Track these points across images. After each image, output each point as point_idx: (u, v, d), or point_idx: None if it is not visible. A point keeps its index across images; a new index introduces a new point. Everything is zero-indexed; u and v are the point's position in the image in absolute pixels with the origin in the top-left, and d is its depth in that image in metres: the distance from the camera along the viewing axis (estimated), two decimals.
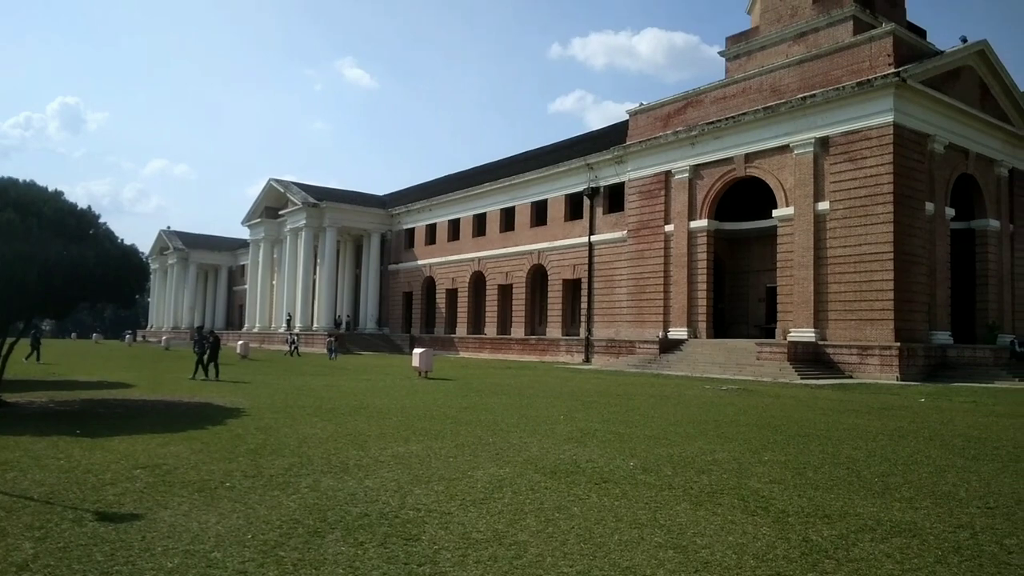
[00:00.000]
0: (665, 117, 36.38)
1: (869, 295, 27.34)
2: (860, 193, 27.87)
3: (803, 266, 29.46)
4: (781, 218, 30.75)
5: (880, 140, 27.33)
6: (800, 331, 29.22)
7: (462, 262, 50.62)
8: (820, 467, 8.57)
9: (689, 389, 21.00)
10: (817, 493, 7.15)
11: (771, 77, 31.70)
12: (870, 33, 28.64)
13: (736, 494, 7.02)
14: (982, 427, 12.98)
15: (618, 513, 6.21)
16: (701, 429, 11.90)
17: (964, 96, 30.27)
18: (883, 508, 6.56)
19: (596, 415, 13.78)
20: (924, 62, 28.22)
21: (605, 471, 8.09)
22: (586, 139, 48.04)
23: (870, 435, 11.52)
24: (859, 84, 27.63)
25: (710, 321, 33.79)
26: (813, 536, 5.59)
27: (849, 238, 28.13)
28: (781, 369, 26.82)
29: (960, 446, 10.57)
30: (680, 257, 34.68)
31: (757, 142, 31.63)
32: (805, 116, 29.68)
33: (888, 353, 26.32)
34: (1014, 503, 6.90)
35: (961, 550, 5.31)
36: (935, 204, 28.99)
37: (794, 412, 14.95)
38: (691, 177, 34.54)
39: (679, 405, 16.13)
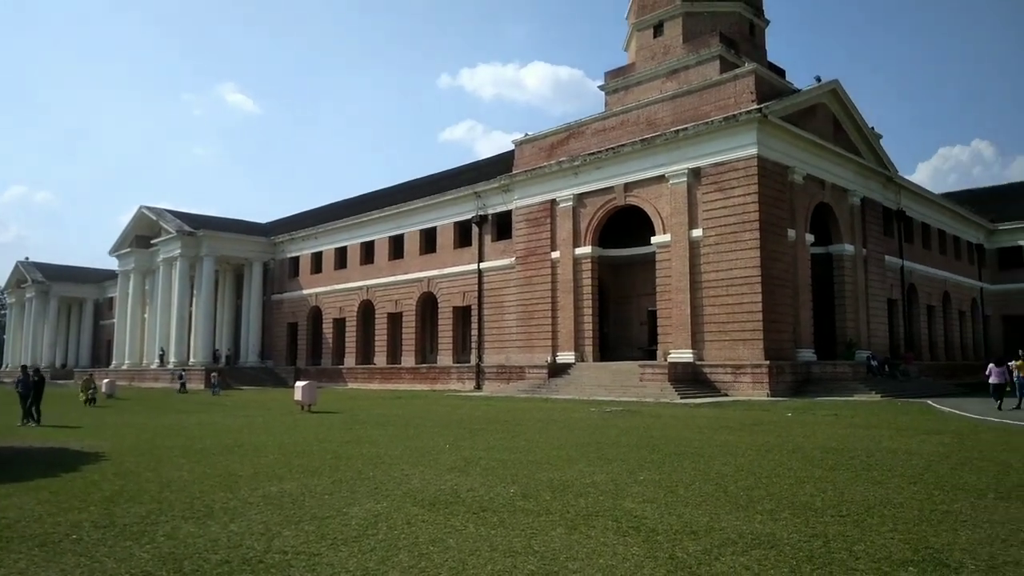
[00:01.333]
0: (549, 147, 37.32)
1: (740, 316, 28.91)
2: (730, 221, 29.55)
3: (680, 290, 30.80)
4: (659, 244, 32.09)
5: (746, 171, 29.16)
6: (679, 352, 30.44)
7: (350, 291, 49.57)
8: (691, 484, 8.89)
9: (575, 412, 21.35)
10: (687, 510, 7.39)
11: (647, 111, 33.24)
12: (735, 72, 30.66)
13: (611, 516, 7.14)
14: (840, 438, 13.91)
15: (494, 542, 6.17)
16: (583, 452, 12.09)
17: (819, 131, 32.86)
18: (746, 521, 6.86)
19: (482, 443, 13.73)
20: (783, 99, 30.46)
21: (485, 500, 8.05)
22: (474, 168, 48.54)
23: (739, 451, 12.08)
24: (726, 119, 29.44)
25: (596, 345, 34.63)
26: (679, 553, 5.76)
27: (721, 263, 29.70)
28: (663, 389, 27.78)
29: (819, 457, 11.27)
30: (566, 283, 35.44)
31: (636, 172, 32.97)
32: (679, 148, 31.27)
33: (759, 371, 27.85)
34: (864, 510, 7.39)
35: (814, 558, 5.61)
36: (796, 231, 31.14)
37: (672, 431, 15.49)
38: (575, 205, 35.51)
39: (564, 429, 16.35)
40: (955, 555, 5.66)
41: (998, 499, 7.91)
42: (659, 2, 38.05)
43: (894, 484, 8.85)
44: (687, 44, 35.29)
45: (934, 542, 6.06)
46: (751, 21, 38.05)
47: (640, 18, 38.70)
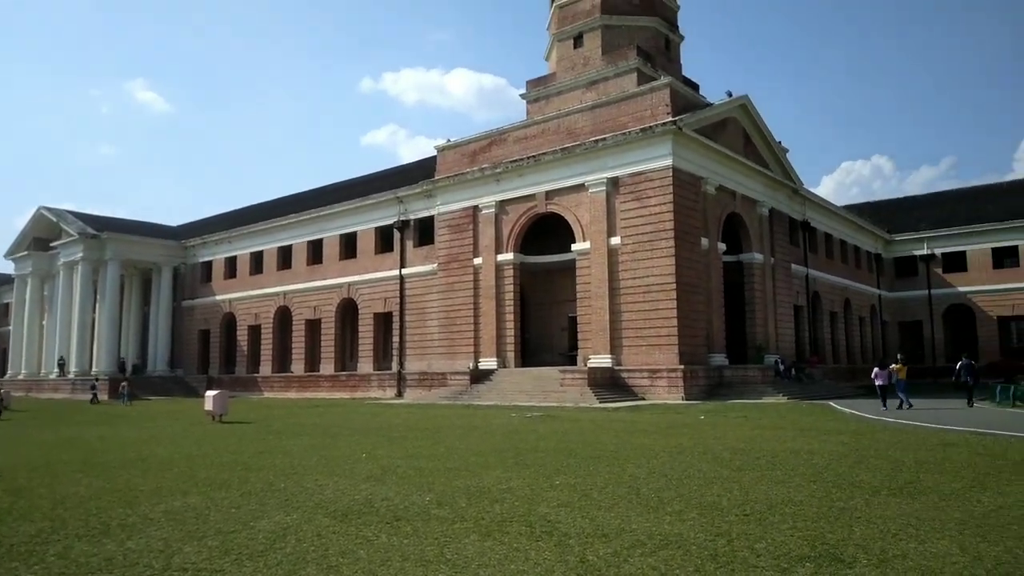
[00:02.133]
0: (472, 154, 37.37)
1: (656, 322, 29.66)
2: (646, 229, 30.31)
3: (600, 296, 31.36)
4: (579, 252, 32.59)
5: (661, 181, 30.01)
6: (598, 358, 30.97)
7: (266, 296, 48.15)
8: (605, 488, 9.04)
9: (496, 418, 21.40)
10: (599, 513, 7.51)
11: (567, 120, 33.75)
12: (651, 84, 31.55)
13: (525, 521, 7.18)
14: (748, 440, 14.44)
15: (405, 552, 6.10)
16: (502, 458, 12.12)
17: (731, 144, 34.16)
18: (656, 522, 7.02)
19: (400, 451, 13.58)
20: (697, 112, 31.52)
21: (399, 509, 7.95)
22: (397, 172, 48.11)
23: (653, 453, 12.38)
24: (643, 130, 30.22)
25: (518, 351, 34.83)
26: (590, 556, 5.83)
27: (638, 270, 30.42)
28: (582, 394, 28.19)
29: (728, 459, 11.66)
30: (488, 289, 35.52)
31: (556, 180, 33.41)
32: (598, 158, 31.88)
33: (674, 375, 28.65)
34: (766, 509, 7.68)
35: (718, 557, 5.79)
36: (709, 239, 32.24)
37: (590, 435, 15.72)
38: (497, 212, 35.66)
39: (484, 435, 16.36)
40: (849, 550, 5.95)
41: (890, 495, 8.37)
42: (579, 14, 38.78)
43: (796, 483, 9.25)
44: (606, 56, 36.09)
45: (830, 538, 6.36)
46: (667, 36, 39.25)
47: (560, 29, 39.33)
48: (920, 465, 10.66)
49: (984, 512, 7.33)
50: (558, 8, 39.96)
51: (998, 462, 10.86)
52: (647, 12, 38.37)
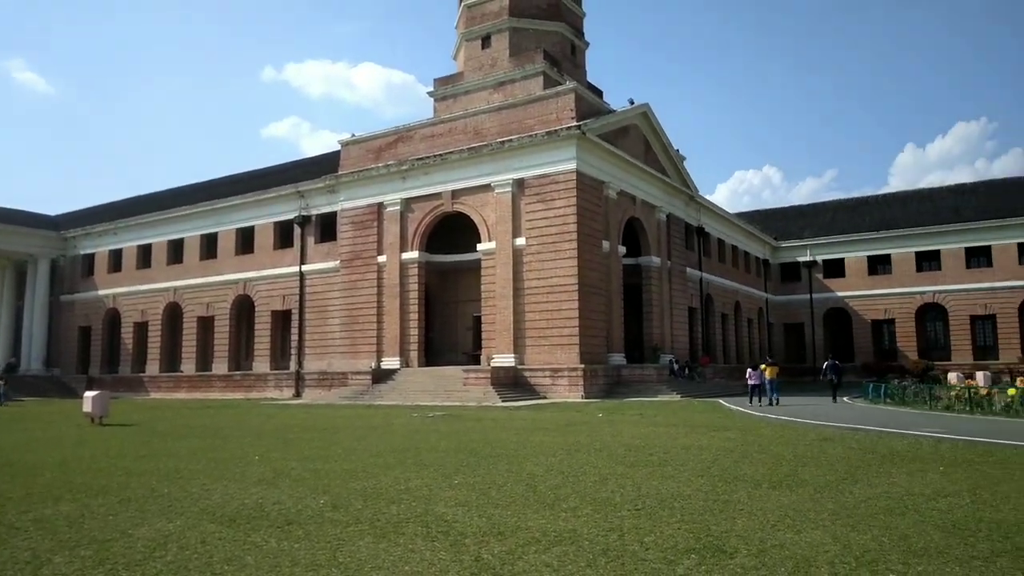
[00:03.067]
0: (377, 150, 36.81)
1: (559, 322, 30.17)
2: (551, 231, 30.79)
3: (504, 296, 31.59)
4: (485, 252, 32.71)
5: (566, 184, 30.55)
6: (502, 357, 31.18)
7: (154, 292, 45.68)
8: (503, 486, 9.10)
9: (397, 418, 21.16)
10: (496, 511, 7.55)
11: (475, 120, 33.81)
12: (556, 89, 32.07)
13: (421, 521, 7.13)
14: (642, 437, 14.90)
15: (296, 557, 5.92)
16: (401, 458, 11.98)
17: (632, 150, 35.19)
18: (551, 519, 7.12)
19: (295, 452, 13.19)
20: (600, 118, 32.29)
21: (291, 512, 7.71)
22: (298, 166, 46.77)
23: (552, 451, 12.57)
24: (548, 133, 30.67)
25: (422, 350, 34.58)
26: (485, 554, 5.85)
27: (542, 271, 30.85)
28: (485, 393, 28.31)
29: (623, 455, 11.99)
30: (392, 288, 35.09)
31: (463, 180, 33.40)
32: (504, 159, 32.11)
33: (575, 374, 29.23)
34: (657, 503, 7.94)
35: (609, 552, 5.93)
36: (610, 242, 33.09)
37: (491, 434, 15.80)
38: (403, 210, 35.28)
39: (385, 435, 16.13)
40: (732, 541, 6.23)
41: (771, 488, 8.83)
42: (487, 15, 38.92)
43: (685, 478, 9.61)
44: (513, 58, 36.40)
45: (715, 530, 6.64)
46: (572, 42, 39.99)
47: (469, 28, 39.35)
48: (798, 459, 11.31)
49: (855, 503, 7.85)
50: (467, 7, 39.96)
51: (868, 456, 11.66)
52: (554, 17, 38.96)
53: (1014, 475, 9.45)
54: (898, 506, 7.63)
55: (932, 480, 9.20)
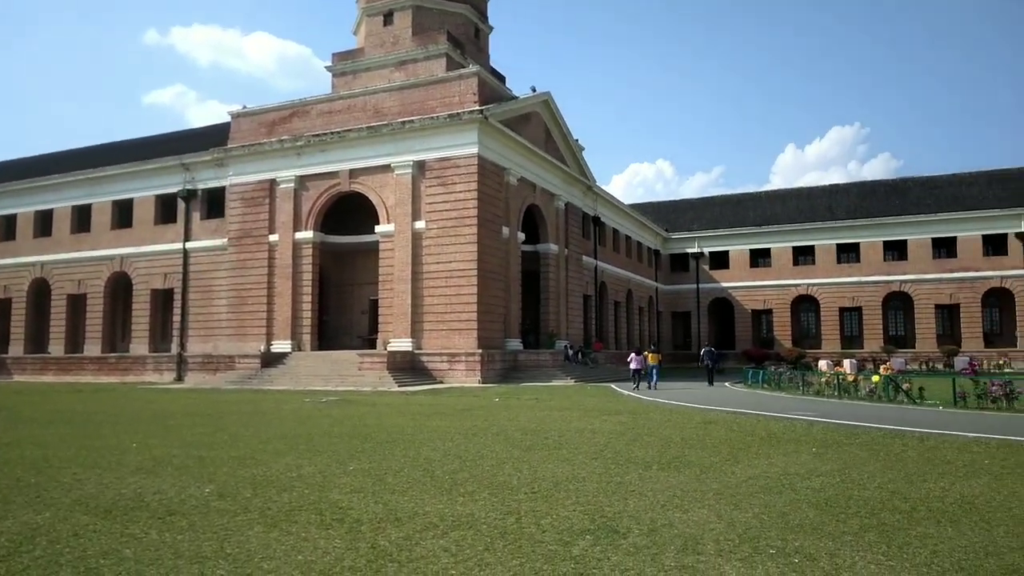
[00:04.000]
0: (270, 124, 35.35)
1: (458, 307, 30.13)
2: (451, 215, 30.61)
3: (402, 280, 31.19)
4: (383, 234, 32.14)
5: (467, 169, 30.44)
6: (399, 341, 30.83)
7: (18, 267, 42.13)
8: (400, 471, 8.98)
9: (288, 403, 20.51)
10: (393, 497, 7.44)
11: (375, 98, 33.04)
12: (460, 72, 31.81)
13: (315, 509, 6.92)
14: (538, 421, 15.12)
15: (179, 549, 5.60)
16: (292, 444, 11.61)
17: (533, 137, 35.47)
18: (448, 504, 7.09)
19: (177, 439, 12.51)
20: (503, 104, 32.31)
21: (174, 502, 7.30)
22: (183, 137, 44.17)
23: (449, 436, 12.54)
24: (450, 116, 30.41)
25: (315, 333, 33.67)
26: (382, 541, 5.75)
27: (442, 255, 30.67)
28: (381, 378, 27.91)
29: (519, 439, 12.12)
30: (285, 268, 33.91)
31: (361, 159, 32.63)
32: (405, 139, 31.59)
33: (472, 359, 29.30)
34: (553, 486, 8.05)
35: (507, 535, 5.96)
36: (510, 228, 33.30)
37: (387, 419, 15.58)
38: (297, 188, 34.09)
39: (275, 421, 15.59)
40: (624, 522, 6.40)
41: (660, 470, 9.15)
42: None
43: (579, 460, 9.82)
44: (416, 37, 35.79)
45: (608, 511, 6.80)
46: (476, 25, 39.73)
47: (371, 3, 38.30)
48: (685, 442, 11.80)
49: (737, 483, 8.26)
50: None
51: (748, 438, 12.32)
52: None
53: (878, 455, 10.23)
54: (776, 485, 8.09)
55: (806, 461, 9.82)
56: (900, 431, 12.77)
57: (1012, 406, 15.81)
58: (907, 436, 12.25)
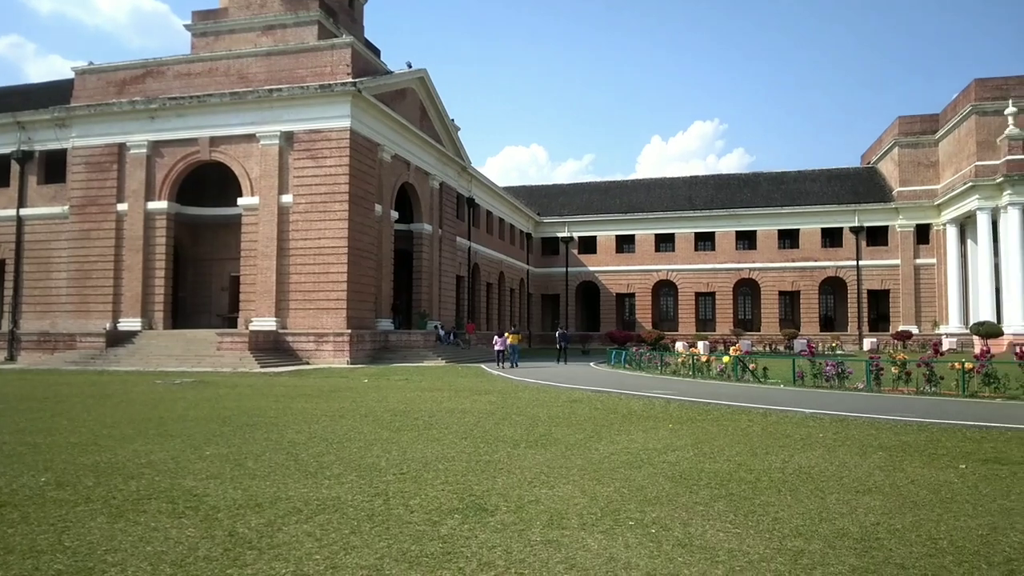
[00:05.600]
0: (121, 83, 32.58)
1: (326, 286, 29.26)
2: (320, 190, 29.60)
3: (267, 256, 29.86)
4: (246, 207, 30.59)
5: (339, 143, 29.49)
6: (262, 320, 29.56)
7: None
8: (261, 455, 8.63)
9: (137, 385, 19.16)
10: (253, 482, 7.13)
11: (239, 63, 31.24)
12: (332, 41, 30.67)
13: (166, 497, 6.50)
14: (408, 401, 15.01)
15: (10, 543, 5.09)
16: (141, 429, 10.85)
17: (408, 114, 34.87)
18: (313, 488, 6.89)
19: (7, 424, 11.37)
20: (377, 78, 31.50)
21: (4, 493, 6.63)
22: (19, 92, 39.90)
23: (315, 418, 12.19)
24: (321, 87, 29.29)
25: (168, 311, 31.63)
26: (240, 528, 5.49)
27: (310, 231, 29.61)
28: (242, 359, 26.68)
29: (388, 420, 11.97)
30: (135, 240, 31.53)
31: (223, 127, 30.82)
32: (272, 108, 30.13)
33: (341, 339, 28.61)
34: (422, 467, 8.02)
35: (374, 517, 5.87)
36: (383, 206, 32.67)
37: (248, 401, 14.92)
38: (150, 154, 31.71)
39: (122, 404, 14.51)
40: (493, 499, 6.48)
41: (528, 447, 9.34)
42: None
43: (449, 440, 9.84)
44: (286, 2, 34.07)
45: (477, 489, 6.87)
46: None
47: None
48: (552, 420, 12.12)
49: (600, 459, 8.58)
50: None
51: (611, 416, 12.83)
52: None
53: (727, 430, 10.96)
54: (635, 460, 8.48)
55: (663, 436, 10.37)
56: (746, 408, 13.76)
57: (843, 385, 17.44)
58: (752, 412, 13.21)
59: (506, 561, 4.76)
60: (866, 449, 9.21)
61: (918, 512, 6.08)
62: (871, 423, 11.61)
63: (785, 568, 4.65)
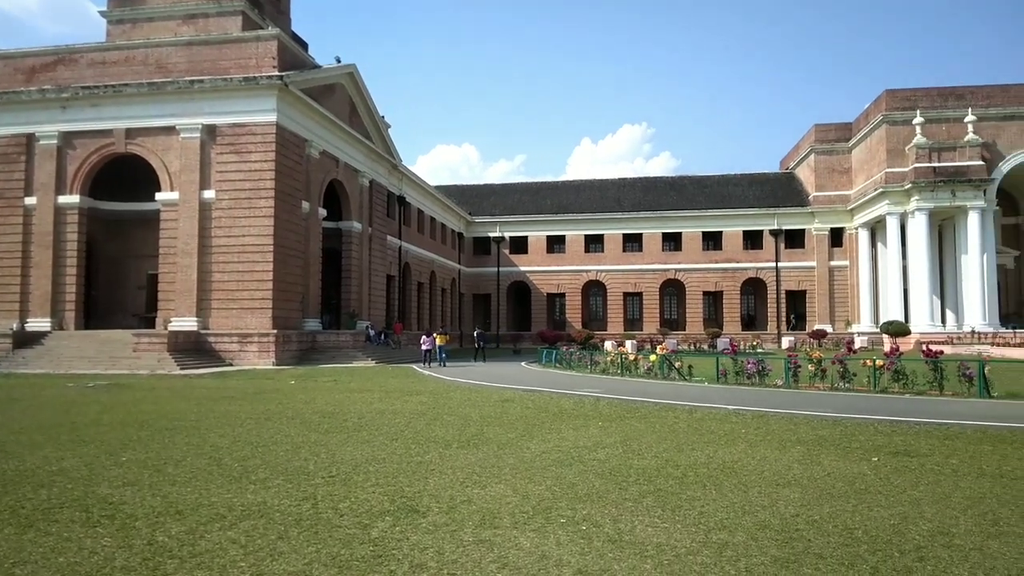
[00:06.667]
0: (29, 71, 30.83)
1: (251, 285, 28.44)
2: (245, 186, 28.75)
3: (187, 254, 28.80)
4: (165, 202, 29.43)
5: (264, 137, 28.71)
6: (182, 320, 28.50)
7: None
8: (182, 460, 8.31)
9: (47, 389, 18.17)
10: (174, 489, 6.86)
11: (159, 52, 30.03)
12: (258, 33, 29.86)
13: (80, 505, 6.18)
14: (337, 403, 14.74)
15: None
16: (52, 435, 10.29)
17: (337, 110, 34.24)
18: (238, 493, 6.68)
19: None
20: (305, 72, 30.81)
21: None
22: None
23: (239, 421, 11.82)
24: (246, 79, 28.46)
25: (80, 311, 30.12)
26: (160, 537, 5.28)
27: (234, 228, 28.72)
28: (160, 360, 25.65)
29: (317, 422, 11.73)
30: (44, 236, 29.89)
31: (141, 118, 29.56)
32: (193, 100, 29.07)
33: (266, 340, 27.86)
34: (352, 469, 7.89)
35: (302, 521, 5.74)
36: (311, 203, 31.97)
37: (167, 405, 14.35)
38: (61, 145, 30.12)
39: (31, 409, 13.73)
40: (424, 500, 6.44)
41: (460, 448, 9.32)
42: None
43: (379, 442, 9.72)
44: None
45: (408, 491, 6.80)
46: None
47: None
48: (484, 420, 12.13)
49: (531, 457, 8.64)
50: None
51: (542, 414, 12.94)
52: None
53: (655, 427, 11.21)
54: (566, 458, 8.57)
55: (592, 434, 10.52)
56: (673, 405, 14.11)
57: (763, 382, 18.09)
58: (678, 409, 13.56)
59: (438, 562, 4.73)
60: (785, 444, 9.58)
61: (834, 503, 6.36)
62: (790, 418, 12.08)
63: (711, 560, 4.78)
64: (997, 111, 45.23)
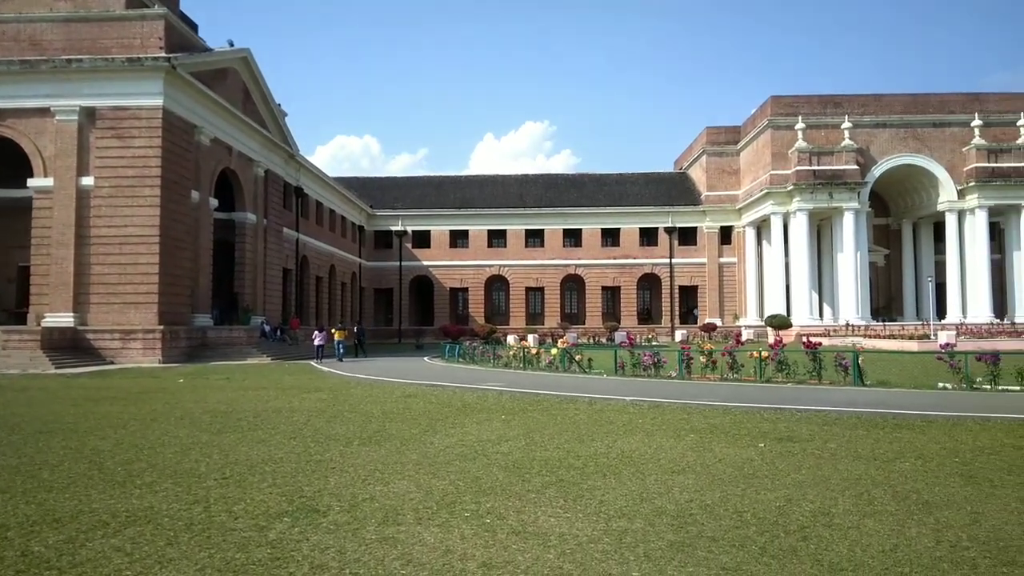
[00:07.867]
0: None
1: (134, 278, 26.85)
2: (128, 173, 27.09)
3: (63, 244, 26.85)
4: (39, 189, 27.30)
5: (149, 122, 27.14)
6: (57, 316, 26.57)
7: None
8: (59, 465, 7.75)
9: None
10: (50, 495, 6.39)
11: (32, 27, 27.79)
12: (143, 11, 28.16)
13: None
14: (230, 402, 14.15)
15: None
16: None
17: (230, 96, 32.77)
18: (122, 498, 6.29)
19: None
20: (195, 55, 29.31)
21: None
22: None
23: (121, 422, 11.14)
24: (130, 60, 26.79)
25: None
26: (35, 547, 4.90)
27: (115, 218, 27.02)
28: (32, 359, 23.84)
29: (208, 422, 11.21)
30: None
31: (11, 98, 27.28)
32: (70, 81, 27.10)
33: (151, 336, 26.40)
34: (247, 470, 7.59)
35: (193, 526, 5.47)
36: (201, 193, 30.49)
37: (41, 406, 13.34)
38: None
39: None
40: (325, 499, 6.28)
41: (361, 445, 9.15)
42: None
43: (276, 441, 9.40)
44: None
45: (307, 491, 6.62)
46: None
47: None
48: (386, 416, 11.96)
49: (435, 452, 8.59)
50: None
51: (445, 409, 12.90)
52: None
53: (556, 419, 11.40)
54: (470, 452, 8.59)
55: (496, 427, 10.58)
56: (574, 397, 14.40)
57: (659, 373, 18.76)
58: (579, 401, 13.85)
59: (340, 562, 4.63)
60: (680, 432, 9.97)
61: (725, 488, 6.67)
62: (684, 408, 12.59)
63: (611, 547, 4.91)
64: (871, 119, 48.72)
